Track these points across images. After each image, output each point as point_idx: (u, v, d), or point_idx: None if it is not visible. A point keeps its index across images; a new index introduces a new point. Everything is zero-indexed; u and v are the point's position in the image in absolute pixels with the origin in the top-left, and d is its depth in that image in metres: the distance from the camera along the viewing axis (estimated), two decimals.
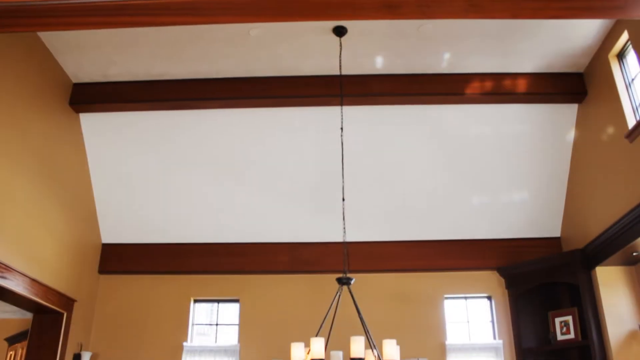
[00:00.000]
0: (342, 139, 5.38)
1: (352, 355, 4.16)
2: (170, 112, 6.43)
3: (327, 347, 4.43)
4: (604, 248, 5.76)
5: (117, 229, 7.09)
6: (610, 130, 5.62)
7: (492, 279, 6.88)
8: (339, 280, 4.78)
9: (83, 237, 6.69)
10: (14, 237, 5.32)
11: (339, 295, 4.81)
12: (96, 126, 6.56)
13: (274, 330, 6.68)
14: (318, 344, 4.25)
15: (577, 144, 6.37)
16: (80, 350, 6.53)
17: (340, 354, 4.45)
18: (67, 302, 6.24)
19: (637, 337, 5.79)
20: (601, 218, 5.79)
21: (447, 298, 6.91)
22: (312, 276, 6.89)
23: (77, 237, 6.53)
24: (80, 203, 6.64)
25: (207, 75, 6.25)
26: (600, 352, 5.83)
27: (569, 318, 6.32)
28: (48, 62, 5.95)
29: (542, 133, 6.42)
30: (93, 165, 6.74)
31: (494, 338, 6.71)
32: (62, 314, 6.18)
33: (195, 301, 7.08)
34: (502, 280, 6.83)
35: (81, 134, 6.57)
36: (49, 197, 5.93)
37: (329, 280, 5.36)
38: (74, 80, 6.39)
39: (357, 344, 4.20)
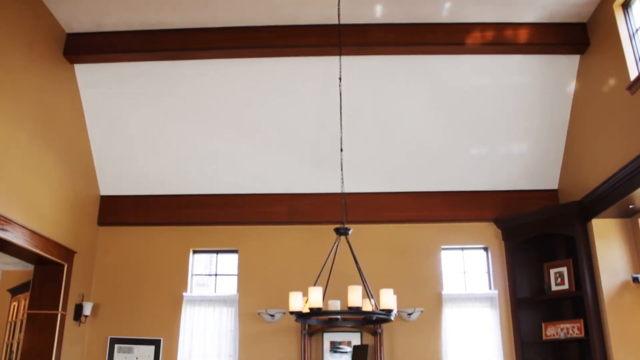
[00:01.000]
0: (340, 90, 5.32)
1: (350, 304, 4.22)
2: (166, 63, 6.33)
3: (325, 296, 4.49)
4: (601, 200, 5.78)
5: (115, 181, 7.09)
6: (612, 82, 5.56)
7: (489, 230, 6.94)
8: (337, 231, 4.81)
9: (81, 189, 6.70)
10: (13, 190, 5.32)
11: (337, 246, 4.84)
12: (92, 77, 6.47)
13: (273, 280, 6.77)
14: (316, 293, 4.31)
15: (578, 95, 6.32)
16: (82, 301, 6.63)
17: (338, 303, 4.52)
18: (67, 254, 6.30)
19: (629, 288, 5.87)
20: (599, 170, 5.79)
21: (444, 249, 6.98)
22: (310, 227, 6.94)
23: (76, 189, 6.54)
24: (78, 156, 6.62)
25: (204, 25, 6.14)
26: (593, 302, 5.93)
27: (564, 269, 6.40)
28: (41, 12, 5.82)
29: (542, 84, 6.35)
30: (90, 118, 6.68)
31: (490, 288, 6.82)
32: (63, 266, 6.25)
33: (195, 252, 7.15)
34: (499, 231, 6.89)
35: (77, 85, 6.49)
36: (46, 150, 5.91)
37: (327, 231, 5.39)
38: (68, 31, 6.26)
39: (355, 293, 4.25)
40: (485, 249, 7.00)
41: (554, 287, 6.42)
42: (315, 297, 4.29)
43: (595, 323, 5.87)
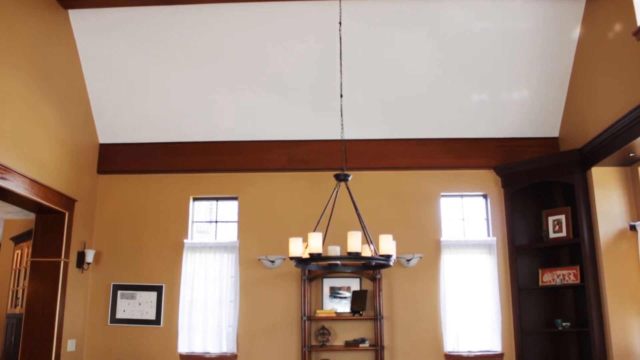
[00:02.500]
0: (340, 34, 5.22)
1: (349, 250, 4.25)
2: (164, 8, 6.17)
3: (325, 242, 4.52)
4: (602, 148, 5.76)
5: (114, 128, 7.04)
6: (618, 27, 5.45)
7: (488, 177, 6.94)
8: (337, 177, 4.81)
9: (80, 137, 6.67)
10: (11, 139, 5.30)
11: (337, 192, 4.86)
12: (87, 23, 6.33)
13: (273, 227, 6.82)
14: (316, 239, 4.33)
15: (582, 41, 6.20)
16: (84, 249, 6.70)
17: (337, 248, 4.54)
18: (68, 202, 6.33)
19: (626, 235, 5.92)
20: (601, 118, 5.75)
21: (443, 196, 7.01)
22: (310, 174, 6.95)
23: (74, 137, 6.51)
24: (75, 104, 6.55)
25: None
26: (590, 249, 5.99)
27: (562, 217, 6.44)
28: None
29: (546, 30, 6.22)
30: (86, 65, 6.58)
31: (488, 235, 6.88)
32: (64, 214, 6.29)
33: (195, 199, 7.17)
34: (499, 179, 6.90)
35: (71, 32, 6.36)
36: (43, 98, 5.84)
37: (327, 177, 5.41)
38: None
39: (354, 239, 4.27)
40: (485, 196, 7.02)
41: (551, 235, 6.47)
42: (315, 243, 4.32)
43: (591, 270, 5.95)
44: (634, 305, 5.80)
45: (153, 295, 6.77)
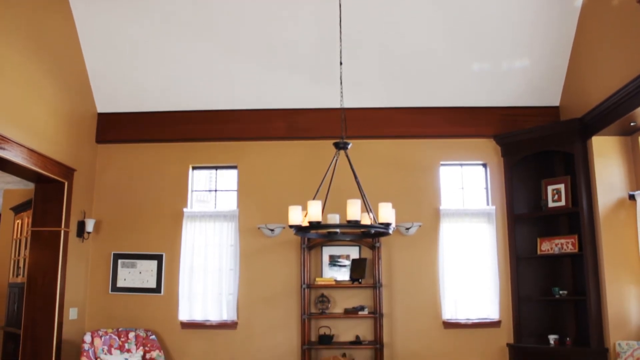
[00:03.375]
0: (340, 2, 5.15)
1: (349, 218, 4.26)
2: None
3: (324, 210, 4.53)
4: (602, 118, 5.74)
5: (112, 97, 6.99)
6: None
7: (488, 146, 6.92)
8: (336, 145, 4.79)
9: (78, 107, 6.62)
10: (8, 109, 5.27)
11: (336, 160, 4.85)
12: None
13: (272, 196, 6.83)
14: (315, 207, 4.34)
15: (585, 9, 6.11)
16: (84, 218, 6.72)
17: (336, 216, 4.55)
18: (67, 172, 6.32)
19: (625, 205, 5.94)
20: (603, 87, 5.70)
21: (442, 165, 6.99)
22: (309, 142, 6.92)
23: (72, 107, 6.46)
24: (72, 72, 6.49)
25: None
26: (588, 218, 6.02)
27: (561, 186, 6.44)
28: None
29: None
30: (82, 33, 6.49)
31: (487, 204, 6.90)
32: (63, 183, 6.29)
33: (194, 168, 7.16)
34: (498, 148, 6.88)
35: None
36: (39, 68, 5.79)
37: (326, 146, 5.38)
38: None
39: (354, 207, 4.28)
40: (484, 165, 7.01)
41: (550, 204, 6.49)
42: (314, 211, 4.33)
43: (589, 239, 5.99)
44: (630, 273, 5.85)
45: (153, 263, 6.82)
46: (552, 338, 6.17)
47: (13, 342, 6.77)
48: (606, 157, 6.02)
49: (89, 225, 6.66)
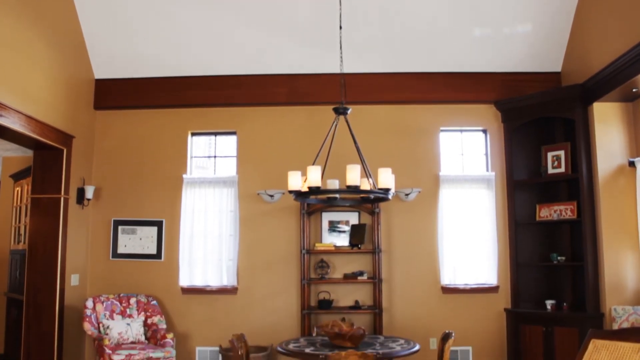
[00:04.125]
0: None
1: (348, 183, 4.26)
2: None
3: (324, 176, 4.53)
4: (604, 83, 5.69)
5: (109, 63, 6.91)
6: None
7: (488, 112, 6.88)
8: (336, 110, 4.77)
9: (74, 73, 6.55)
10: (5, 76, 5.22)
11: (336, 125, 4.82)
12: None
13: (272, 161, 6.81)
14: (315, 172, 4.34)
15: None
16: (83, 185, 6.71)
17: (336, 182, 4.55)
18: (65, 139, 6.29)
19: (624, 171, 5.94)
20: (605, 52, 5.64)
21: (442, 130, 6.96)
22: (309, 108, 6.87)
23: (69, 73, 6.40)
24: (68, 38, 6.40)
25: None
26: (588, 184, 6.02)
27: (561, 152, 6.43)
28: None
29: None
30: None
31: (487, 170, 6.89)
32: (62, 150, 6.27)
33: (193, 134, 7.13)
34: (499, 113, 6.84)
35: None
36: (35, 33, 5.71)
37: (326, 111, 5.36)
38: None
39: (353, 172, 4.28)
40: (484, 131, 6.98)
41: (550, 170, 6.48)
42: (314, 176, 4.33)
43: (588, 205, 6.00)
44: (628, 240, 5.89)
45: (153, 230, 6.85)
46: (549, 303, 6.24)
47: (16, 308, 6.84)
48: (607, 123, 5.99)
49: (89, 192, 6.67)
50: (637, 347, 2.59)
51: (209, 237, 6.79)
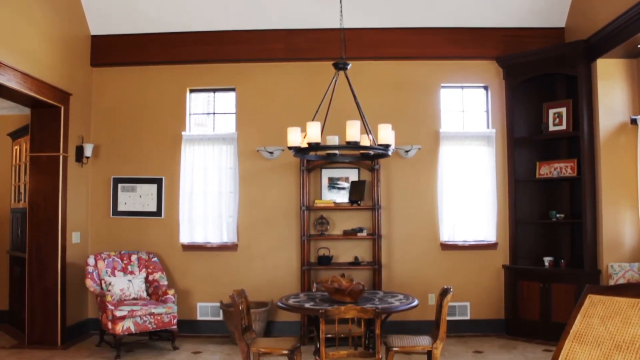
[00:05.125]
0: None
1: (348, 139, 4.23)
2: None
3: (323, 132, 4.49)
4: (609, 39, 5.61)
5: (105, 19, 6.78)
6: None
7: (490, 68, 6.79)
8: (336, 65, 4.70)
9: (70, 29, 6.44)
10: (0, 33, 5.12)
11: (336, 81, 4.76)
12: None
13: (271, 117, 6.76)
14: (314, 128, 4.30)
15: None
16: (82, 143, 6.68)
17: (336, 138, 4.53)
18: (63, 96, 6.23)
19: (626, 129, 5.92)
20: (610, 8, 5.54)
21: (443, 87, 6.89)
22: (309, 64, 6.78)
23: (64, 29, 6.29)
24: None
25: None
26: (589, 142, 6.00)
27: (563, 110, 6.38)
28: None
29: None
30: None
31: (487, 127, 6.84)
32: (59, 108, 6.22)
33: (192, 91, 7.05)
34: (500, 70, 6.75)
35: None
36: None
37: (326, 67, 5.29)
38: None
39: (353, 128, 4.24)
40: (486, 87, 6.91)
41: (551, 128, 6.45)
42: (313, 132, 4.29)
43: (588, 162, 6.00)
44: (627, 197, 5.90)
45: (153, 187, 6.85)
46: (546, 260, 6.30)
47: (19, 266, 6.90)
48: (610, 80, 5.93)
49: (88, 150, 6.65)
50: (632, 302, 2.61)
51: (208, 194, 6.79)
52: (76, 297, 6.55)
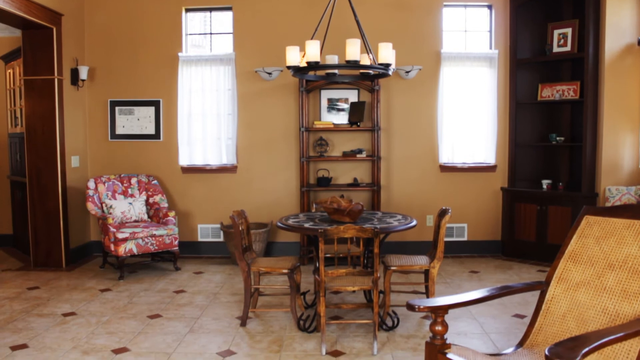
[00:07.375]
0: None
1: (347, 58, 4.13)
2: None
3: (323, 51, 4.38)
4: None
5: None
6: None
7: None
8: None
9: None
10: None
11: None
12: None
13: (269, 37, 6.60)
14: (313, 47, 4.19)
15: None
16: (77, 65, 6.55)
17: (335, 57, 4.43)
18: (54, 17, 6.05)
19: (633, 51, 5.80)
20: None
21: (445, 6, 6.67)
22: None
23: None
24: None
25: None
26: (593, 64, 5.90)
27: (568, 30, 6.22)
28: None
29: None
30: None
31: (490, 48, 6.68)
32: (51, 29, 6.06)
33: (187, 10, 6.83)
34: None
35: None
36: None
37: None
38: None
39: (353, 47, 4.12)
40: (489, 6, 6.69)
41: (555, 49, 6.30)
42: (312, 51, 4.18)
43: (591, 85, 5.92)
44: (628, 121, 5.88)
45: (151, 110, 6.78)
46: (545, 183, 6.33)
47: (20, 190, 6.93)
48: None
49: (83, 73, 6.52)
50: (628, 223, 2.67)
51: (207, 116, 6.73)
52: (78, 220, 6.63)
